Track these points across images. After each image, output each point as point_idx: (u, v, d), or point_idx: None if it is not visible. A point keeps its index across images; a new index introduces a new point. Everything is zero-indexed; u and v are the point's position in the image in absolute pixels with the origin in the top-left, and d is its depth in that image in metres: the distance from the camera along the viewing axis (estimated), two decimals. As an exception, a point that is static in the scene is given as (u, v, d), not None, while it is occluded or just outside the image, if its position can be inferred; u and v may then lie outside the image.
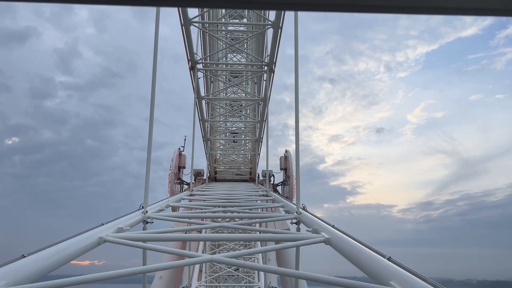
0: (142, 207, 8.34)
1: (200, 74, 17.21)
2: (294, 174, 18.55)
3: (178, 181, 26.98)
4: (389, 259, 4.79)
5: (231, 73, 21.42)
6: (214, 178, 25.95)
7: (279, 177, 28.04)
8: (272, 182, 26.92)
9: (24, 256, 4.60)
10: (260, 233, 11.70)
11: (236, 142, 24.97)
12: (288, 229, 10.30)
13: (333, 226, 6.85)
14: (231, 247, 20.49)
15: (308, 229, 7.34)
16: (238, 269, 21.90)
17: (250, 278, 20.66)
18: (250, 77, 20.63)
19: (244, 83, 22.59)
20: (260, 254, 16.86)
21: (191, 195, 13.89)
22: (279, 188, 27.46)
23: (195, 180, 24.39)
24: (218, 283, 21.52)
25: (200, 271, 18.07)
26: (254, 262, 17.68)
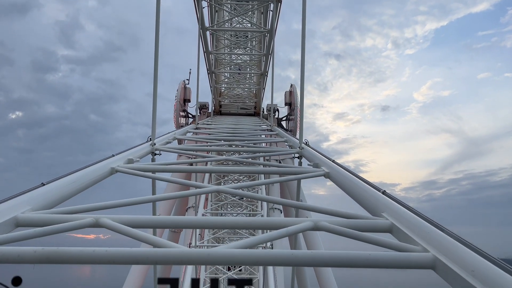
0: (150, 140, 8.63)
1: (204, 3, 16.65)
2: (299, 106, 18.70)
3: (184, 113, 27.25)
4: (383, 192, 5.11)
5: (237, 1, 20.62)
6: (219, 111, 26.15)
7: (284, 112, 28.19)
8: (276, 117, 27.12)
9: (44, 184, 4.95)
10: (263, 166, 12.14)
11: (241, 70, 24.61)
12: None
13: (333, 161, 7.15)
14: (236, 177, 21.28)
15: (309, 163, 7.66)
16: (242, 198, 22.91)
17: (253, 207, 21.69)
18: (256, 6, 19.89)
19: (250, 13, 21.83)
20: (263, 186, 17.56)
21: (196, 128, 14.17)
22: (283, 123, 27.72)
23: (200, 113, 24.60)
24: (223, 210, 22.67)
25: (206, 199, 18.95)
26: (257, 193, 18.48)
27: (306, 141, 9.36)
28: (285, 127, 27.74)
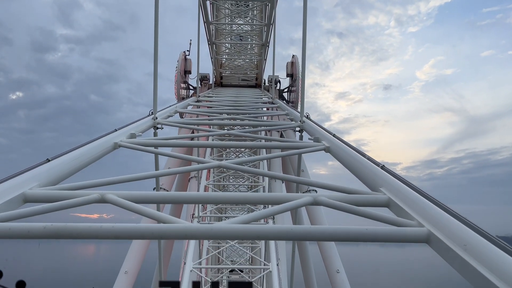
0: (152, 113, 8.67)
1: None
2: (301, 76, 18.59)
3: (185, 85, 27.11)
4: (382, 167, 5.20)
5: None
6: (220, 83, 25.99)
7: (285, 83, 28.00)
8: (278, 88, 26.97)
9: (49, 160, 5.05)
10: (265, 141, 12.21)
11: (242, 39, 24.24)
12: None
13: (333, 135, 7.22)
14: (237, 151, 21.41)
15: (310, 137, 7.73)
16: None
17: (255, 178, 21.94)
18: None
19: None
20: (265, 160, 17.69)
21: (198, 101, 14.16)
22: (285, 95, 27.60)
23: (201, 85, 24.46)
24: (225, 181, 22.95)
25: (208, 171, 19.15)
26: (259, 166, 18.65)
27: (307, 114, 9.39)
28: (286, 98, 27.64)
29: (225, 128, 17.96)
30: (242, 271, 23.91)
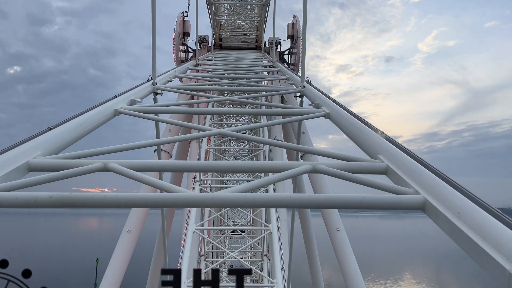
0: (151, 79, 8.61)
1: None
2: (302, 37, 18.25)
3: (183, 47, 26.65)
4: (381, 134, 5.23)
5: None
6: (219, 45, 25.53)
7: (286, 45, 27.50)
8: (278, 50, 26.51)
9: (51, 128, 5.09)
10: (266, 107, 12.16)
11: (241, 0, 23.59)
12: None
13: (334, 101, 7.21)
14: (238, 117, 21.36)
15: (310, 103, 7.72)
16: (245, 133, 23.23)
17: (255, 143, 22.06)
18: None
19: None
20: (266, 134, 17.69)
21: (197, 64, 13.99)
22: (286, 57, 27.17)
23: (200, 47, 24.04)
24: (226, 145, 23.08)
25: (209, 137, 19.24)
26: (258, 133, 18.70)
27: (308, 79, 9.31)
28: (287, 61, 27.25)
29: (225, 94, 17.84)
30: (243, 232, 24.58)
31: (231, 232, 26.32)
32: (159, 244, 18.71)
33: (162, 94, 8.67)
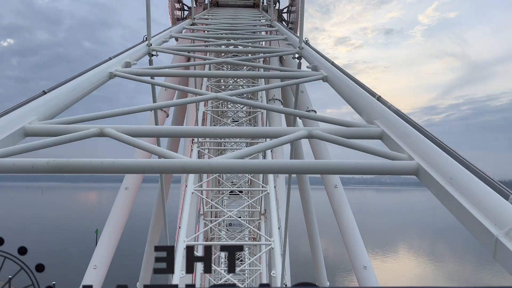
0: (146, 39, 8.41)
1: None
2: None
3: (179, 5, 25.85)
4: (378, 98, 5.21)
5: None
6: (216, 3, 24.75)
7: (284, 2, 26.67)
8: (277, 8, 25.75)
9: (45, 92, 5.04)
10: (263, 70, 11.97)
11: None
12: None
13: (332, 63, 7.10)
14: (235, 81, 21.08)
15: (308, 65, 7.61)
16: (243, 94, 23.00)
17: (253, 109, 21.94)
18: None
19: None
20: (264, 93, 17.46)
21: (193, 24, 13.62)
22: (285, 15, 26.44)
23: (196, 5, 23.32)
24: (224, 107, 22.96)
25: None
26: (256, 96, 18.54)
27: (306, 39, 9.12)
28: (286, 19, 26.53)
29: (222, 55, 17.50)
30: (241, 192, 25.01)
31: (229, 193, 26.79)
32: (158, 207, 19.03)
33: (158, 55, 8.51)
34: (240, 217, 22.10)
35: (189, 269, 1.31)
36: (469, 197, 2.93)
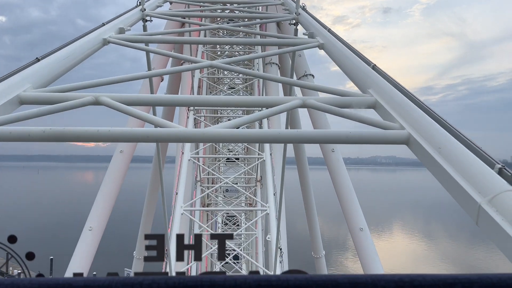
0: (139, 4, 8.23)
1: None
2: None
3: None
4: (373, 67, 5.20)
5: None
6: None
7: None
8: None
9: (39, 59, 4.99)
10: (260, 37, 11.76)
11: None
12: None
13: (329, 30, 7.02)
14: (231, 46, 20.70)
15: (305, 32, 7.51)
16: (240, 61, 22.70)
17: (250, 67, 21.71)
18: None
19: None
20: (260, 59, 17.20)
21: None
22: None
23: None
24: (220, 74, 22.72)
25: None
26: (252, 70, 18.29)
27: (303, 5, 8.95)
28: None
29: (217, 20, 17.11)
30: (237, 159, 25.22)
31: (226, 160, 27.02)
32: (154, 175, 19.18)
33: (152, 21, 8.35)
34: (236, 184, 22.42)
35: (180, 257, 1.30)
36: (455, 166, 3.01)
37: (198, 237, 1.24)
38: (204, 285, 0.99)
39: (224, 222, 30.85)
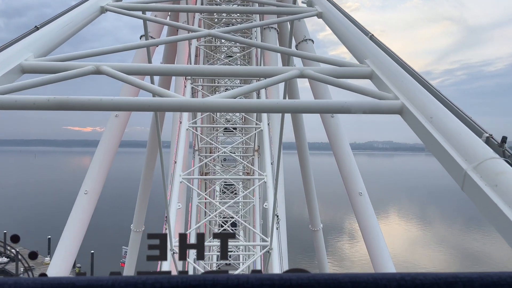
0: None
1: None
2: None
3: None
4: (371, 37, 5.25)
5: None
6: None
7: None
8: None
9: (37, 28, 5.01)
10: (259, 5, 11.58)
11: None
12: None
13: (328, -1, 6.97)
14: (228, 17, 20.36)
15: (303, 0, 7.46)
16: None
17: (248, 35, 21.43)
18: None
19: None
20: (258, 29, 16.94)
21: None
22: None
23: None
24: (217, 42, 22.46)
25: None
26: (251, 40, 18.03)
27: (302, -28, 8.81)
28: None
29: None
30: (235, 129, 25.34)
31: (223, 130, 27.14)
32: (151, 144, 19.28)
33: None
34: (234, 153, 22.65)
35: (182, 256, 1.28)
36: (445, 135, 3.15)
37: (200, 236, 1.26)
38: (207, 284, 0.99)
39: (222, 190, 31.34)
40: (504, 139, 2.95)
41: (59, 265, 11.11)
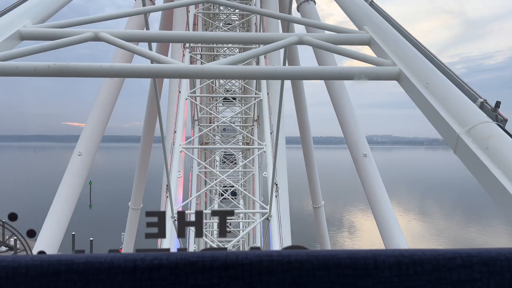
0: None
1: None
2: None
3: None
4: (370, 3, 5.20)
5: None
6: None
7: None
8: None
9: (34, -6, 4.94)
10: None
11: None
12: None
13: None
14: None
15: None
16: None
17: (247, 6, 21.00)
18: None
19: None
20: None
21: None
22: None
23: None
24: (215, 9, 22.03)
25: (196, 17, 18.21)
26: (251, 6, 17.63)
27: None
28: None
29: None
30: (235, 99, 25.28)
31: (223, 99, 27.07)
32: (150, 107, 19.12)
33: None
34: (234, 123, 22.68)
35: (181, 233, 1.27)
36: (440, 100, 3.21)
37: (198, 214, 1.25)
38: (205, 260, 0.99)
39: (222, 160, 31.59)
40: (497, 103, 3.01)
41: (51, 230, 10.71)
